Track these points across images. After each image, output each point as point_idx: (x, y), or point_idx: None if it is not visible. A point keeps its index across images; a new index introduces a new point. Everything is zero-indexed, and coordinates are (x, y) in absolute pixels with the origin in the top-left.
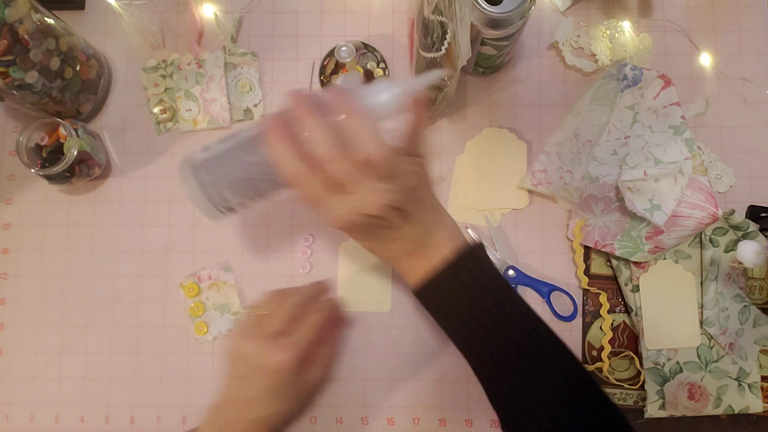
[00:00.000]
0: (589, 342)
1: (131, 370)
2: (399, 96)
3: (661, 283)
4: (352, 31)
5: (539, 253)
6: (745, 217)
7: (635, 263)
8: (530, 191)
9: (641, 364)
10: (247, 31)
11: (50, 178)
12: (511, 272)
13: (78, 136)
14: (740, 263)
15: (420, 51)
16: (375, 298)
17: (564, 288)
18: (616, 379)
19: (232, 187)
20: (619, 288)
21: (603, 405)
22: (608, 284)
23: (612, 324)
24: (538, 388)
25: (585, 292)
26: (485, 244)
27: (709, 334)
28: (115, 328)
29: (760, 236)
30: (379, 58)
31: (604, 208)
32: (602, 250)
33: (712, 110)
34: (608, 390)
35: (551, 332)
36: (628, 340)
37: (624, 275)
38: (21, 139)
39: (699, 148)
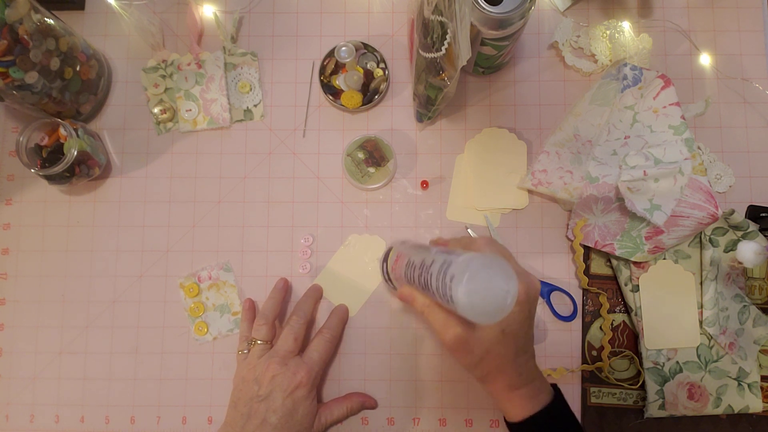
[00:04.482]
0: (589, 342)
1: (131, 370)
2: None
3: (661, 283)
4: (352, 31)
5: (539, 253)
6: (745, 217)
7: (635, 263)
8: (530, 191)
9: (641, 364)
10: (247, 31)
11: (50, 179)
12: None
13: (78, 136)
14: (740, 263)
15: (420, 51)
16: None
17: (564, 288)
18: (616, 379)
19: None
20: (619, 288)
21: None
22: (608, 284)
23: (612, 324)
24: None
25: (585, 292)
26: None
27: (709, 334)
28: (115, 328)
29: (760, 236)
30: (379, 58)
31: (604, 208)
32: (602, 250)
33: (712, 110)
34: (608, 390)
35: None
36: (628, 340)
37: (624, 275)
38: (21, 139)
39: (699, 148)
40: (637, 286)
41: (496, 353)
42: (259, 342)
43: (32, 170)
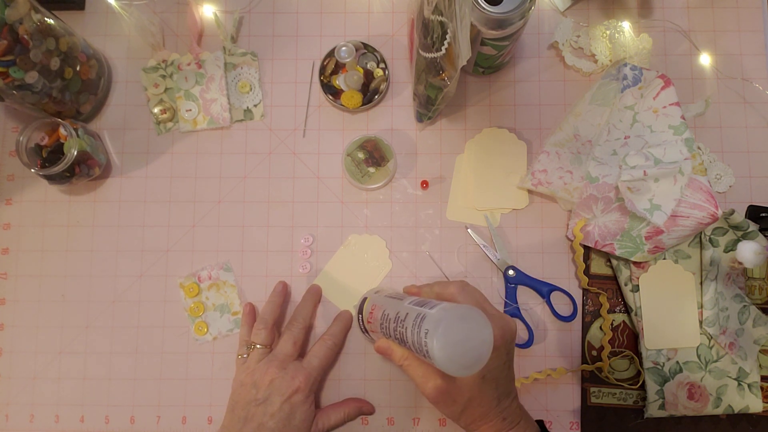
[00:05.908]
0: (589, 342)
1: (131, 370)
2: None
3: (661, 283)
4: (352, 31)
5: (539, 253)
6: (745, 217)
7: (635, 263)
8: (530, 191)
9: (641, 364)
10: (247, 31)
11: (50, 178)
12: (511, 272)
13: (78, 136)
14: (740, 263)
15: (420, 51)
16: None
17: (564, 288)
18: (616, 379)
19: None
20: (619, 288)
21: None
22: (608, 284)
23: (612, 324)
24: None
25: (585, 292)
26: (485, 243)
27: (709, 334)
28: (115, 328)
29: (760, 236)
30: (379, 58)
31: (604, 208)
32: (602, 250)
33: (712, 110)
34: (608, 390)
35: None
36: (628, 340)
37: (624, 275)
38: (21, 139)
39: (699, 148)
40: (637, 286)
41: (479, 401)
42: (258, 346)
43: (32, 170)
